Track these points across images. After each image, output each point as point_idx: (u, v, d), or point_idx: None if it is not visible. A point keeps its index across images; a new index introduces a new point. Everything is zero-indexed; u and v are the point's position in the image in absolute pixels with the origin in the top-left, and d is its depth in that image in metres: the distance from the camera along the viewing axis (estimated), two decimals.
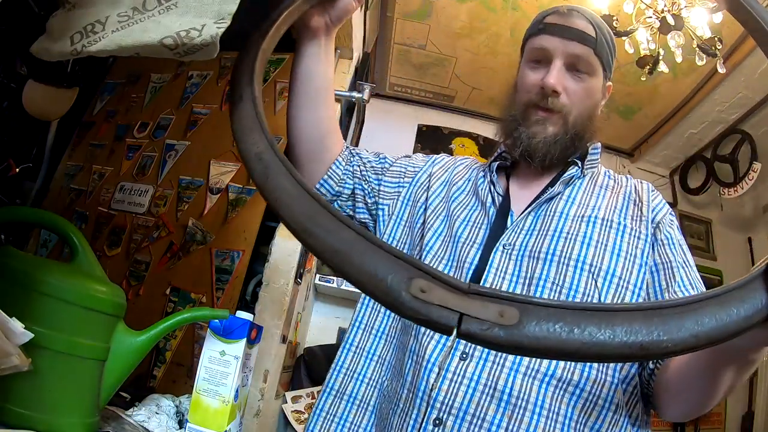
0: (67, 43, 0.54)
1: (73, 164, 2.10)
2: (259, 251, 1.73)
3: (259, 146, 0.49)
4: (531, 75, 0.82)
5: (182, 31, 0.53)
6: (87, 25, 0.54)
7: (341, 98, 1.91)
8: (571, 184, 0.82)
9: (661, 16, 2.05)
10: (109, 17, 0.54)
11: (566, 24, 0.80)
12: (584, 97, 0.81)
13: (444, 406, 0.67)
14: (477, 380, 0.67)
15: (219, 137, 1.90)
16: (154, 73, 2.17)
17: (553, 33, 0.80)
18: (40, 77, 1.60)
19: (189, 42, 0.53)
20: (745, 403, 3.09)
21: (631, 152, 3.55)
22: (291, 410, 2.01)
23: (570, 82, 0.80)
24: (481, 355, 0.69)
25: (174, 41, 0.53)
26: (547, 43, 0.81)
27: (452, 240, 0.80)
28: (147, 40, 0.53)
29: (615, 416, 0.66)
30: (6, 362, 0.47)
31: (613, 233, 0.75)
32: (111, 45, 0.53)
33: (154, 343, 0.69)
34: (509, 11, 2.52)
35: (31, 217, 0.82)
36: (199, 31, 0.54)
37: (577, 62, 0.80)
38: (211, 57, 0.56)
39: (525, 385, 0.66)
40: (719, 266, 3.43)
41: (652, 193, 0.82)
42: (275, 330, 1.63)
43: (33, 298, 0.57)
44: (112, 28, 0.54)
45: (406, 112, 3.41)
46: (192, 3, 0.55)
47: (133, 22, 0.54)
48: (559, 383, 0.66)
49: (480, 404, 0.66)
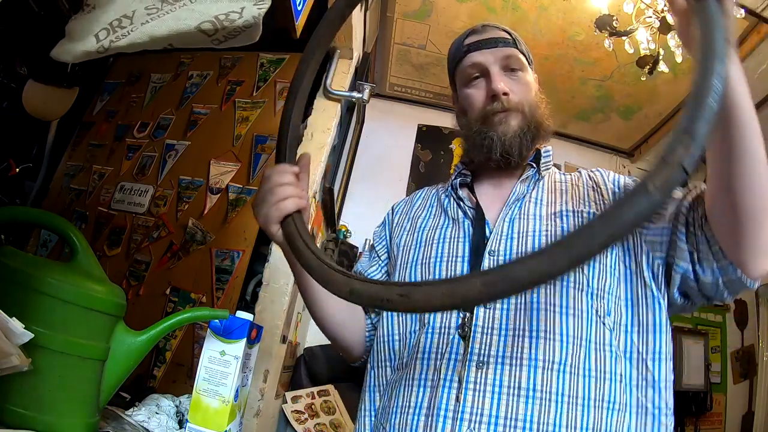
0: (92, 41, 0.52)
1: (73, 164, 2.10)
2: (259, 251, 1.73)
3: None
4: (475, 92, 0.88)
5: (221, 15, 0.51)
6: (113, 21, 0.53)
7: (341, 98, 1.91)
8: (534, 186, 0.87)
9: (661, 16, 2.05)
10: (136, 11, 0.53)
11: (486, 37, 0.89)
12: (527, 91, 0.88)
13: (474, 416, 0.69)
14: (500, 384, 0.70)
15: (219, 137, 1.90)
16: (154, 73, 2.17)
17: (479, 48, 0.88)
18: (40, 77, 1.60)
19: (230, 25, 0.51)
20: (745, 403, 3.10)
21: (631, 152, 3.55)
22: (291, 410, 2.01)
23: (510, 82, 0.87)
24: (497, 360, 0.71)
25: (213, 25, 0.51)
26: (478, 58, 0.88)
27: (436, 260, 0.84)
28: (183, 27, 0.51)
29: (621, 386, 0.70)
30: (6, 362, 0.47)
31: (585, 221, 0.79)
32: (143, 37, 0.52)
33: (154, 343, 0.69)
34: (509, 11, 2.52)
35: (31, 217, 0.82)
36: (239, 13, 0.52)
37: (510, 63, 0.88)
38: (253, 40, 0.53)
39: (545, 377, 0.69)
40: None
41: (605, 173, 0.87)
42: (275, 330, 1.63)
43: (33, 298, 0.57)
44: (142, 21, 0.52)
45: (406, 112, 3.41)
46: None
47: (163, 13, 0.52)
48: (572, 369, 0.69)
49: (509, 406, 0.68)
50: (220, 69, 2.06)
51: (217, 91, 2.01)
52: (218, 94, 2.00)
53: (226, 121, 1.92)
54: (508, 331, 0.73)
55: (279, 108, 1.87)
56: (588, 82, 2.86)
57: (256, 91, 1.94)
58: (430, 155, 3.29)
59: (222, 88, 2.01)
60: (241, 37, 0.53)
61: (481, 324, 0.74)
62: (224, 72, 2.04)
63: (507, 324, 0.73)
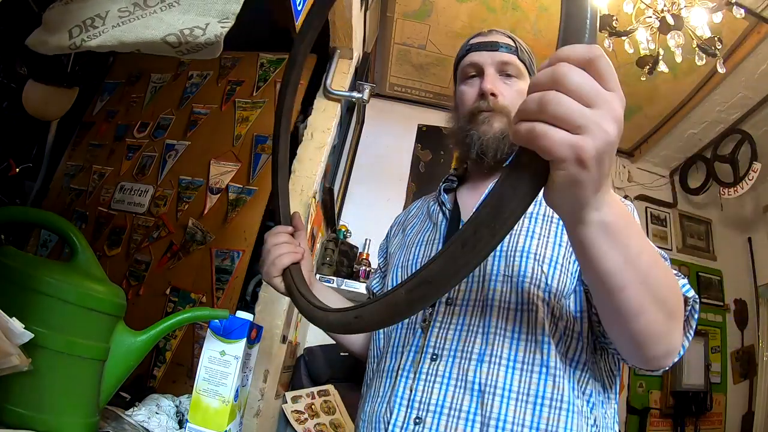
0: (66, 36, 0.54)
1: (73, 164, 2.10)
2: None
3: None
4: (468, 89, 0.92)
5: (186, 29, 0.53)
6: (86, 19, 0.54)
7: (341, 98, 1.91)
8: None
9: (661, 16, 2.05)
10: (109, 12, 0.54)
11: (489, 40, 0.92)
12: (518, 98, 0.88)
13: (422, 405, 0.72)
14: (449, 376, 0.73)
15: (219, 137, 1.90)
16: (154, 73, 2.17)
17: (480, 49, 0.92)
18: (40, 77, 1.60)
19: (193, 40, 0.53)
20: (745, 403, 3.10)
21: (631, 152, 3.55)
22: (291, 410, 2.01)
23: (503, 86, 0.89)
24: (449, 354, 0.75)
25: (177, 39, 0.53)
26: (476, 58, 0.91)
27: (413, 262, 0.88)
28: (149, 36, 0.53)
29: (569, 388, 0.70)
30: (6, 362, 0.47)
31: (553, 227, 0.80)
32: (111, 40, 0.53)
33: (154, 343, 0.69)
34: (509, 11, 2.52)
35: (31, 217, 0.82)
36: (203, 29, 0.54)
37: (506, 68, 0.90)
38: (213, 56, 0.56)
39: (492, 372, 0.70)
40: (719, 266, 3.43)
41: None
42: (275, 330, 1.63)
43: (33, 298, 0.57)
44: (113, 23, 0.53)
45: (406, 112, 3.41)
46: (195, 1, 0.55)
47: (134, 17, 0.54)
48: (522, 366, 0.70)
49: (455, 398, 0.71)
50: (220, 69, 2.06)
51: (217, 91, 2.01)
52: (218, 94, 2.00)
53: (226, 121, 1.92)
54: (463, 327, 0.75)
55: None
56: None
57: (256, 91, 1.94)
58: (430, 155, 3.29)
59: (222, 88, 2.01)
60: (203, 52, 0.55)
61: (440, 319, 0.77)
62: (224, 72, 2.04)
63: (463, 320, 0.76)
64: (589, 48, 0.39)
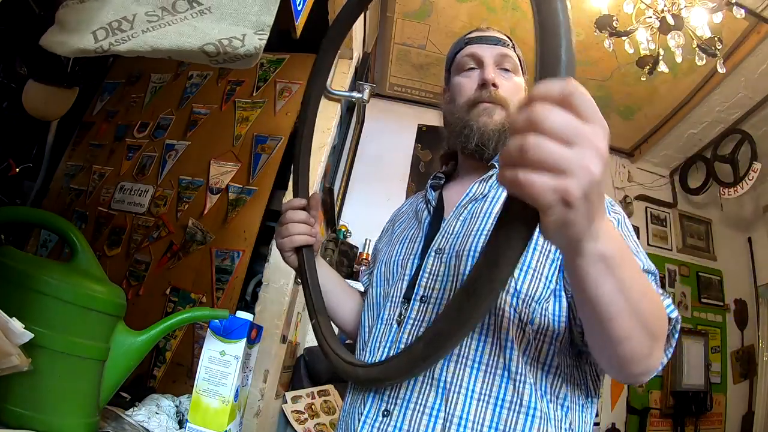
0: (90, 39, 0.52)
1: (73, 164, 2.10)
2: (259, 251, 1.73)
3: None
4: (466, 80, 0.92)
5: (224, 39, 0.52)
6: (112, 22, 0.52)
7: (341, 98, 1.91)
8: (496, 185, 0.86)
9: (661, 16, 2.05)
10: (136, 15, 0.53)
11: (488, 35, 0.94)
12: (515, 92, 0.90)
13: (390, 398, 0.73)
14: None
15: (219, 137, 1.90)
16: (154, 73, 2.17)
17: (479, 42, 0.93)
18: (40, 77, 1.60)
19: (232, 51, 0.53)
20: (745, 403, 3.10)
21: (631, 152, 3.55)
22: (291, 410, 2.01)
23: (502, 78, 0.90)
24: None
25: (216, 48, 0.52)
26: (476, 50, 0.92)
27: (395, 259, 0.88)
28: (185, 45, 0.52)
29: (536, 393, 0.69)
30: (6, 362, 0.47)
31: None
32: (144, 46, 0.52)
33: (154, 343, 0.69)
34: (509, 11, 2.53)
35: (31, 217, 0.82)
36: (241, 40, 0.53)
37: (504, 61, 0.91)
38: (248, 67, 0.55)
39: (458, 371, 0.71)
40: (719, 266, 3.43)
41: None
42: (275, 330, 1.63)
43: (33, 298, 0.57)
44: (142, 28, 0.52)
45: (406, 112, 3.41)
46: (228, 10, 0.54)
47: (164, 23, 0.53)
48: (487, 368, 0.70)
49: (421, 393, 0.71)
50: (219, 69, 2.05)
51: (217, 91, 2.01)
52: (218, 94, 2.00)
53: (226, 121, 1.92)
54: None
55: (279, 108, 1.87)
56: (588, 82, 2.86)
57: (256, 91, 1.94)
58: (430, 155, 3.29)
59: (222, 88, 2.01)
60: (240, 63, 0.55)
61: (414, 316, 0.77)
62: (224, 72, 2.04)
63: (435, 317, 0.75)
64: (564, 84, 0.38)
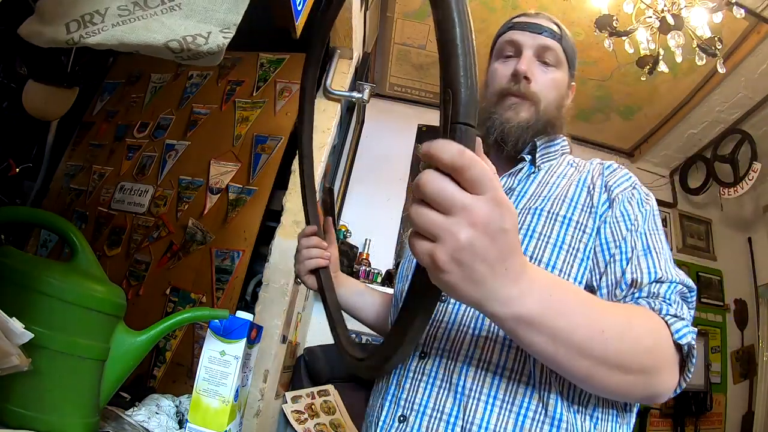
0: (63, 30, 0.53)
1: (73, 164, 2.10)
2: (259, 251, 1.73)
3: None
4: (502, 67, 0.87)
5: (188, 36, 0.53)
6: (85, 15, 0.53)
7: (341, 98, 1.91)
8: (526, 179, 0.83)
9: (661, 16, 2.05)
10: (108, 9, 0.53)
11: (534, 21, 0.87)
12: (552, 87, 0.85)
13: (407, 403, 0.71)
14: (435, 376, 0.70)
15: (219, 137, 1.90)
16: (154, 73, 2.17)
17: (522, 29, 0.87)
18: (40, 77, 1.60)
19: (195, 48, 0.53)
20: (745, 403, 3.10)
21: (631, 152, 3.55)
22: (291, 410, 2.01)
23: (539, 71, 0.85)
24: (437, 353, 0.72)
25: (179, 45, 0.53)
26: (516, 37, 0.87)
27: (411, 257, 0.86)
28: (151, 40, 0.53)
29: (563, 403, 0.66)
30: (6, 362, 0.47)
31: (557, 226, 0.74)
32: (112, 39, 0.53)
33: (154, 343, 0.69)
34: (509, 11, 2.52)
35: (31, 217, 0.82)
36: (205, 38, 0.54)
37: (545, 54, 0.85)
38: (213, 64, 0.56)
39: (478, 377, 0.67)
40: (719, 266, 3.43)
41: (609, 175, 0.79)
42: (275, 330, 1.63)
43: (33, 298, 0.57)
44: (113, 22, 0.53)
45: (406, 112, 3.41)
46: (196, 7, 0.55)
47: (134, 18, 0.53)
48: (512, 374, 0.67)
49: (438, 399, 0.69)
50: (220, 69, 2.06)
51: (217, 91, 2.01)
52: (218, 94, 2.00)
53: (226, 121, 1.92)
54: (453, 326, 0.72)
55: (279, 108, 1.87)
56: (588, 82, 2.86)
57: (256, 91, 1.94)
58: None
59: (222, 88, 2.01)
60: (204, 60, 0.55)
61: (433, 317, 0.74)
62: (224, 72, 2.04)
63: (455, 318, 0.73)
64: (454, 152, 0.38)
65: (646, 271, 0.66)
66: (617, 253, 0.69)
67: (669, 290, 0.64)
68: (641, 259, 0.68)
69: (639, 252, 0.68)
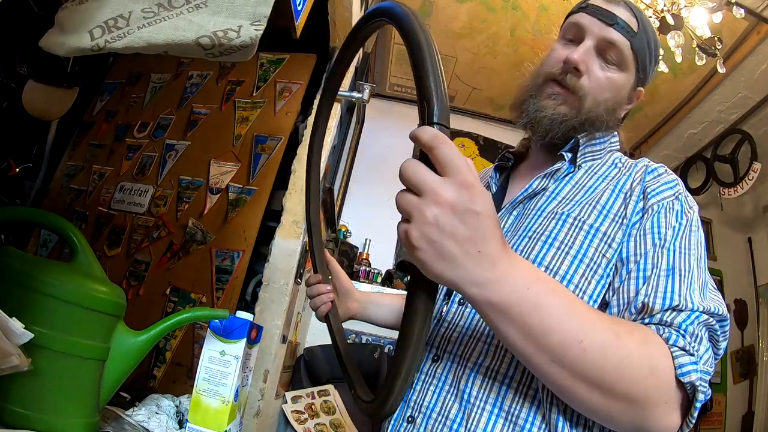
0: (87, 37, 0.53)
1: (73, 164, 2.10)
2: (259, 251, 1.73)
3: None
4: (559, 50, 0.79)
5: (219, 31, 0.53)
6: (108, 20, 0.53)
7: (341, 98, 1.91)
8: (563, 178, 0.77)
9: (661, 16, 2.05)
10: (132, 12, 0.53)
11: (608, 9, 0.76)
12: (605, 87, 0.76)
13: (416, 405, 0.70)
14: (444, 380, 0.69)
15: (219, 137, 1.90)
16: (154, 73, 2.17)
17: (593, 14, 0.77)
18: (40, 77, 1.60)
19: (227, 42, 0.53)
20: (745, 403, 3.10)
21: (631, 152, 3.55)
22: (291, 410, 2.01)
23: (595, 65, 0.76)
24: (449, 357, 0.70)
25: (211, 41, 0.52)
26: (583, 21, 0.77)
27: None
28: (181, 38, 0.52)
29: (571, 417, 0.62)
30: (6, 362, 0.47)
31: (581, 236, 0.68)
32: (139, 42, 0.52)
33: (154, 343, 0.69)
34: (509, 11, 2.52)
35: (31, 217, 0.82)
36: (236, 32, 0.53)
37: (609, 49, 0.75)
38: (246, 59, 0.55)
39: (484, 386, 0.65)
40: (719, 266, 3.43)
41: (651, 180, 0.71)
42: (275, 330, 1.63)
43: (33, 298, 0.57)
44: (138, 24, 0.52)
45: (406, 112, 3.41)
46: (223, 3, 0.54)
47: (160, 18, 0.53)
48: (519, 387, 0.64)
49: (444, 403, 0.68)
50: (220, 69, 2.05)
51: (217, 91, 2.01)
52: (218, 94, 2.00)
53: (226, 121, 1.92)
54: (467, 330, 0.70)
55: (279, 108, 1.87)
56: None
57: (256, 91, 1.94)
58: None
59: (222, 88, 2.01)
60: (236, 54, 0.55)
61: (449, 319, 0.73)
62: (224, 72, 2.04)
63: (469, 323, 0.70)
64: (431, 137, 0.43)
65: (662, 295, 0.59)
66: (635, 269, 0.63)
67: (687, 321, 0.57)
68: (660, 280, 0.60)
69: (661, 271, 0.61)
